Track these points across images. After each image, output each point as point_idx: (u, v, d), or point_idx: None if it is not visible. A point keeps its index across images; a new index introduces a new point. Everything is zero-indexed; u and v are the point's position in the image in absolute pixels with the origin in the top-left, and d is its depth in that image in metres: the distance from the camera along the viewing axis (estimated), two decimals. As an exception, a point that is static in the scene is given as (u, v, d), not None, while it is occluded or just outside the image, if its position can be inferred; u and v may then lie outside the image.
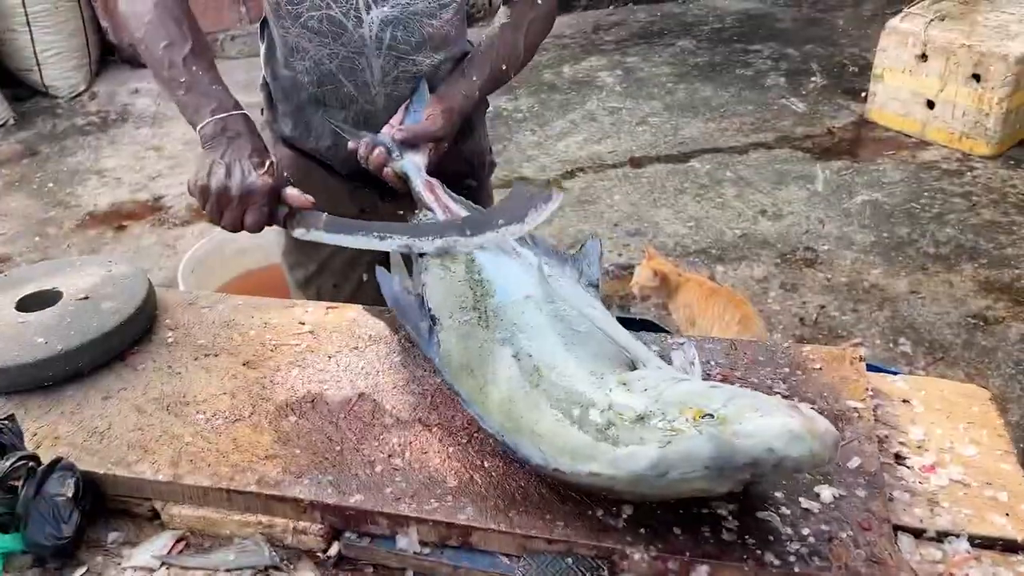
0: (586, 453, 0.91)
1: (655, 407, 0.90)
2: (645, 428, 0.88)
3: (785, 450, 0.81)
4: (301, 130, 1.48)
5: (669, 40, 4.99)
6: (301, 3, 1.34)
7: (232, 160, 1.21)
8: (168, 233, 3.49)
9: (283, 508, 1.02)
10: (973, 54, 3.49)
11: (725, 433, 0.83)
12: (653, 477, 0.86)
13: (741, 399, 0.88)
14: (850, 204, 3.40)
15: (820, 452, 0.81)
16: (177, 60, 1.25)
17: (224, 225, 1.23)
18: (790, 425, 0.82)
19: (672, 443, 0.85)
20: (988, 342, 2.66)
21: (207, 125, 1.23)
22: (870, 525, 0.93)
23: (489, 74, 1.42)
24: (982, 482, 1.02)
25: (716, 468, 0.83)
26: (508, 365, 1.04)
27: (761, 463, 0.82)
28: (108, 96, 4.73)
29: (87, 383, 1.23)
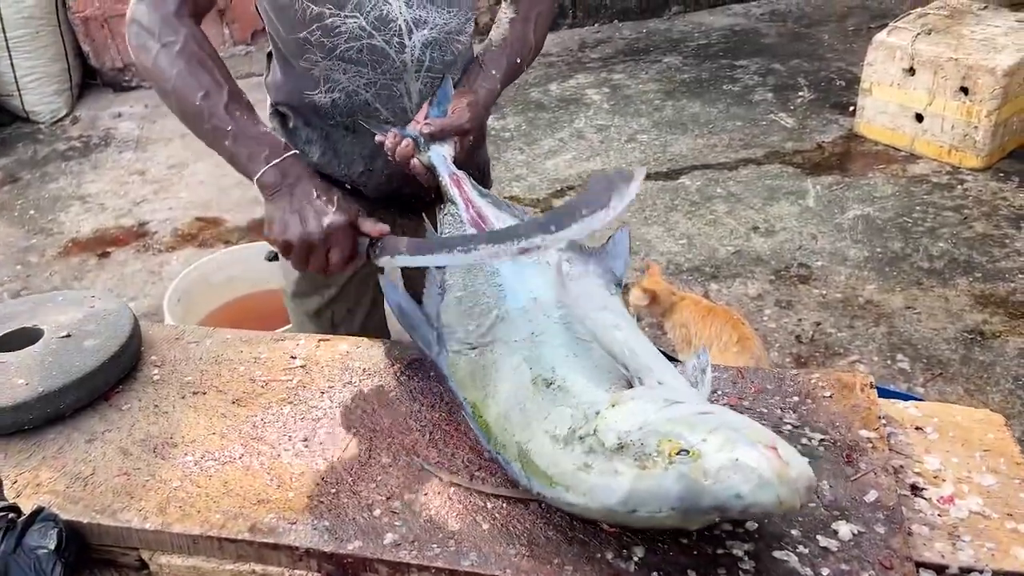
0: (564, 481, 0.90)
1: (637, 435, 0.87)
2: (621, 460, 0.86)
3: (752, 496, 0.79)
4: (330, 157, 1.44)
5: (655, 57, 4.99)
6: (338, 36, 1.30)
7: (303, 206, 1.18)
8: (153, 259, 3.43)
9: (277, 556, 0.97)
10: (961, 67, 3.50)
11: (695, 472, 0.81)
12: (623, 512, 0.85)
13: (722, 432, 0.84)
14: (842, 219, 3.38)
15: (788, 499, 0.79)
16: (218, 109, 1.21)
17: (313, 270, 1.21)
18: (761, 470, 0.79)
19: (642, 479, 0.84)
20: (986, 357, 2.64)
21: (266, 173, 1.21)
22: (892, 564, 0.89)
23: (506, 68, 1.41)
24: (1003, 513, 0.99)
25: (682, 509, 0.82)
26: (507, 379, 1.03)
27: (728, 508, 0.80)
28: (90, 120, 4.68)
29: (70, 425, 1.18)
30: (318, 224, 1.17)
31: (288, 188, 1.20)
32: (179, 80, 1.22)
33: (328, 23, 1.28)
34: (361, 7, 1.28)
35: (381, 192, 1.48)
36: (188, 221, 3.66)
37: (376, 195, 1.48)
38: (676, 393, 0.95)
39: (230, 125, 1.22)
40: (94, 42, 4.81)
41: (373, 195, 1.47)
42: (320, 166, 1.44)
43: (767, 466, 0.79)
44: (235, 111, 1.22)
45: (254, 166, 1.21)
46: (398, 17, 1.30)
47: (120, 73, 4.93)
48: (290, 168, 1.21)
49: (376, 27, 1.29)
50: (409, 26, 1.31)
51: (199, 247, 3.47)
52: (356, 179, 1.46)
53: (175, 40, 1.23)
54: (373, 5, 1.28)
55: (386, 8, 1.29)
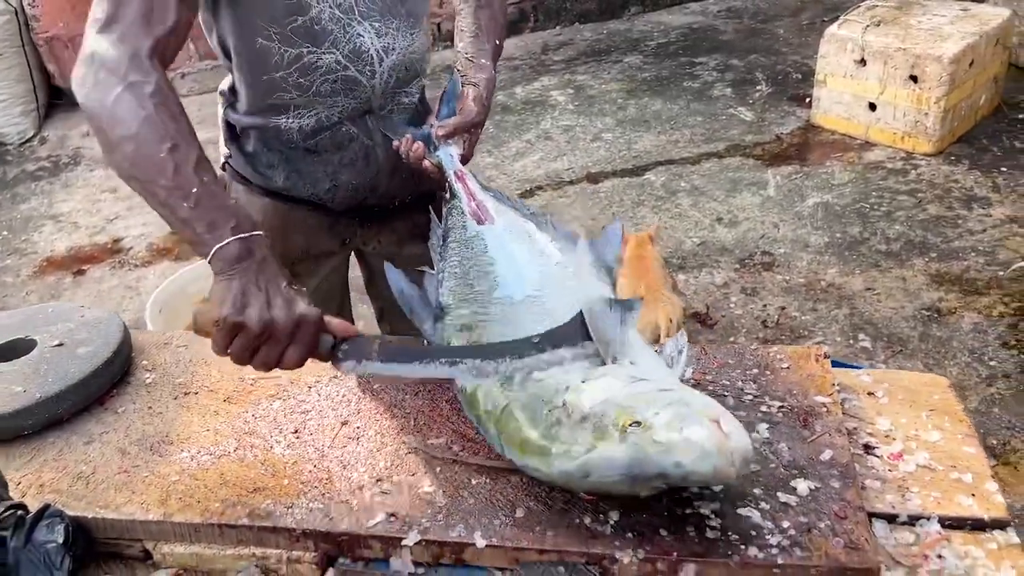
0: (532, 448, 0.99)
1: (600, 408, 0.95)
2: (582, 430, 0.95)
3: (690, 465, 0.87)
4: (295, 180, 1.46)
5: (617, 57, 5.08)
6: (314, 73, 1.32)
7: (270, 289, 1.04)
8: (129, 275, 3.45)
9: (275, 539, 1.03)
10: (909, 56, 3.62)
11: (643, 442, 0.89)
12: (579, 477, 0.94)
13: (675, 407, 0.92)
14: (802, 207, 3.49)
15: (724, 469, 0.87)
16: (185, 167, 1.07)
17: (255, 364, 1.04)
18: (702, 442, 0.87)
19: (597, 448, 0.92)
20: (943, 333, 2.75)
21: (228, 246, 1.05)
22: (846, 514, 0.97)
23: (492, 53, 1.44)
24: (948, 466, 1.07)
25: (630, 476, 0.91)
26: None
27: (670, 475, 0.89)
28: (59, 140, 4.68)
29: (68, 429, 1.23)
30: (287, 313, 1.03)
31: (254, 266, 1.05)
32: (144, 126, 1.08)
33: (306, 62, 1.31)
34: (336, 43, 1.31)
35: (347, 204, 1.50)
36: (162, 236, 3.69)
37: (342, 208, 1.51)
38: (644, 372, 1.02)
39: (195, 187, 1.07)
40: (59, 62, 4.81)
41: (339, 208, 1.51)
42: (286, 188, 1.47)
43: (707, 437, 0.87)
44: (203, 174, 1.08)
45: (215, 235, 1.06)
46: (370, 47, 1.34)
47: (85, 92, 4.93)
48: (256, 246, 1.07)
49: (351, 59, 1.33)
50: (380, 55, 1.35)
51: (175, 260, 3.50)
52: (322, 196, 1.48)
53: (145, 82, 1.10)
54: (347, 39, 1.31)
55: (359, 41, 1.32)
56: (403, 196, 1.53)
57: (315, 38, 1.30)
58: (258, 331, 1.02)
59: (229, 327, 1.02)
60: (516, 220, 1.28)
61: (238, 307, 1.02)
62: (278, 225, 1.48)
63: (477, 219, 1.28)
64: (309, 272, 1.57)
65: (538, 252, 1.22)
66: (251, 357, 1.04)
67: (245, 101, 1.40)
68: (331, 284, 1.63)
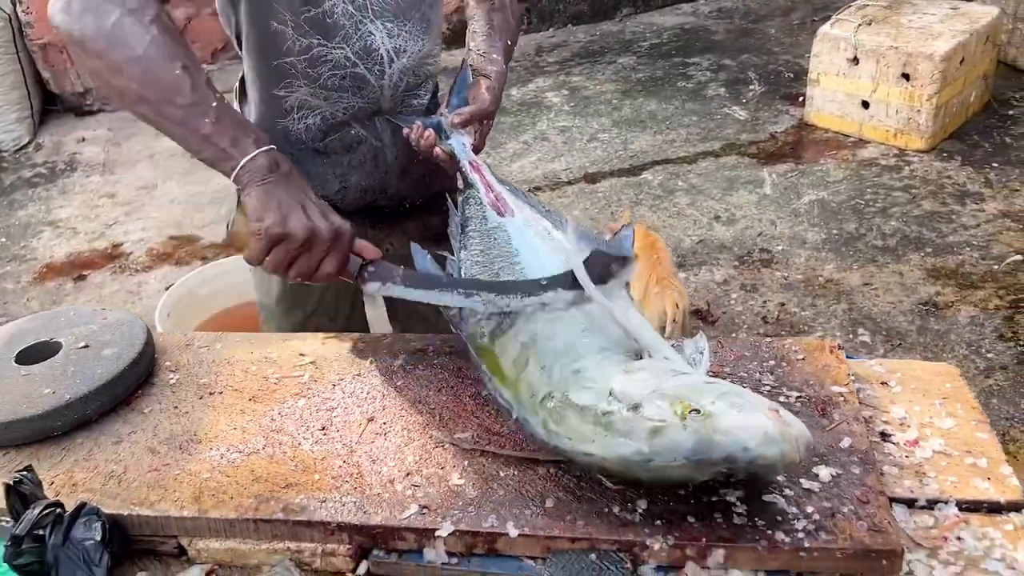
0: (584, 435, 0.99)
1: (651, 398, 0.97)
2: (638, 417, 0.96)
3: (758, 450, 0.89)
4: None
5: (610, 58, 5.12)
6: (323, 65, 1.33)
7: (304, 200, 1.07)
8: (130, 280, 3.46)
9: (310, 532, 1.05)
10: (901, 55, 3.67)
11: (706, 429, 0.91)
12: (639, 463, 0.94)
13: (729, 397, 0.95)
14: (798, 204, 3.53)
15: (790, 454, 0.89)
16: (201, 84, 1.08)
17: (293, 274, 1.07)
18: (766, 427, 0.89)
19: (659, 434, 0.93)
20: (940, 326, 2.79)
21: (256, 158, 1.08)
22: (868, 498, 1.00)
23: (504, 51, 1.45)
24: (962, 451, 1.10)
25: (695, 460, 0.91)
26: (526, 347, 1.12)
27: (736, 459, 0.90)
28: (54, 146, 4.67)
29: (96, 429, 1.24)
30: (327, 222, 1.08)
31: (283, 178, 1.08)
32: (152, 47, 1.06)
33: (315, 53, 1.32)
34: (348, 38, 1.33)
35: (356, 206, 1.51)
36: (162, 240, 3.70)
37: (352, 209, 1.52)
38: (682, 367, 1.05)
39: (214, 103, 1.08)
40: (53, 68, 4.81)
41: (349, 209, 1.51)
42: None
43: (772, 424, 0.90)
44: (215, 92, 1.09)
45: (240, 149, 1.08)
46: (380, 47, 1.36)
47: (81, 98, 4.93)
48: (281, 159, 1.10)
49: (360, 57, 1.35)
50: (391, 55, 1.37)
51: (176, 265, 3.51)
52: (332, 197, 1.49)
53: (144, 9, 1.08)
54: (359, 36, 1.33)
55: (370, 39, 1.34)
56: (414, 198, 1.55)
57: (327, 31, 1.31)
58: (301, 239, 1.04)
59: (274, 236, 1.04)
60: (533, 214, 1.30)
61: (280, 216, 1.04)
62: None
63: (497, 210, 1.29)
64: None
65: (559, 247, 1.25)
66: (288, 267, 1.06)
67: (255, 95, 1.41)
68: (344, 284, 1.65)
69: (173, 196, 4.03)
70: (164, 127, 1.11)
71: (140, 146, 4.59)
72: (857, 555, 0.94)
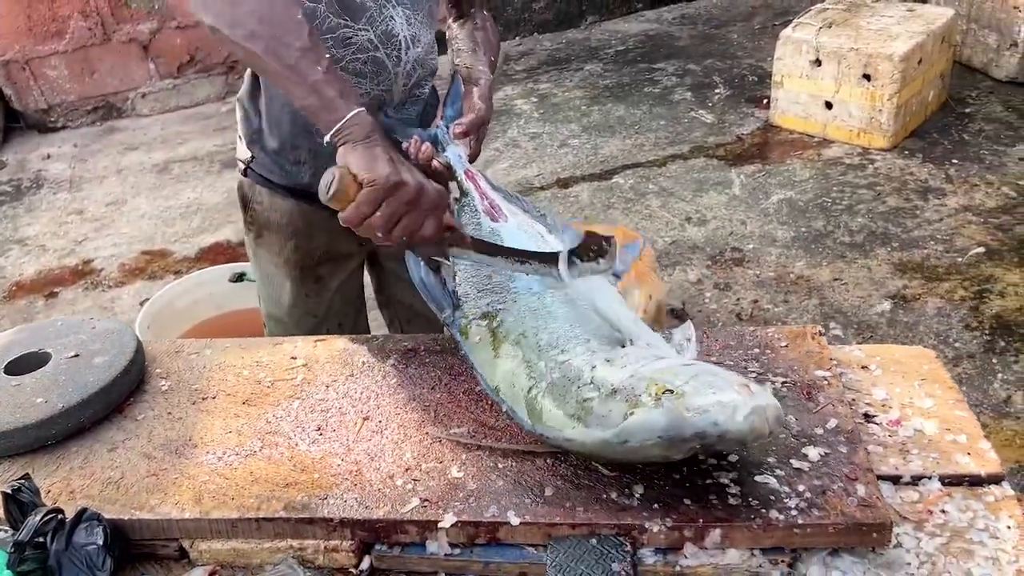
0: (564, 421, 1.03)
1: (629, 382, 1.01)
2: (614, 401, 1.00)
3: (727, 424, 0.92)
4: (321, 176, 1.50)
5: (577, 65, 5.17)
6: (347, 47, 1.36)
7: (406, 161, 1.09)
8: (103, 295, 3.43)
9: (313, 529, 1.06)
10: (862, 56, 3.76)
11: (679, 407, 0.95)
12: (616, 443, 0.98)
13: (703, 377, 0.98)
14: (767, 204, 3.60)
15: (759, 426, 0.92)
16: (315, 34, 1.11)
17: (398, 232, 1.08)
18: (736, 402, 0.93)
19: (634, 415, 0.97)
20: (909, 318, 2.86)
21: (361, 114, 1.10)
22: (856, 476, 1.03)
23: (488, 64, 1.47)
24: (942, 429, 1.14)
25: (667, 438, 0.95)
26: (514, 342, 1.15)
27: (707, 435, 0.94)
28: (18, 164, 4.61)
29: (90, 437, 1.24)
30: (430, 183, 1.09)
31: (383, 138, 1.09)
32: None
33: (341, 34, 1.35)
34: (372, 21, 1.36)
35: None
36: (134, 256, 3.67)
37: None
38: (663, 352, 1.08)
39: (327, 54, 1.11)
40: (16, 85, 4.75)
41: None
42: (311, 185, 1.50)
43: (740, 399, 0.93)
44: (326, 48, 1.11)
45: (347, 103, 1.10)
46: (400, 32, 1.39)
47: (45, 114, 4.88)
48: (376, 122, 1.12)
49: (382, 41, 1.38)
50: (407, 43, 1.41)
51: (149, 280, 3.48)
52: None
53: None
54: (382, 19, 1.37)
55: (392, 24, 1.38)
56: None
57: (354, 13, 1.34)
58: (414, 193, 1.06)
59: (389, 187, 1.05)
60: (526, 219, 1.34)
61: (393, 169, 1.04)
62: (303, 227, 1.52)
63: (491, 216, 1.32)
64: (331, 274, 1.61)
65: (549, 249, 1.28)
66: (396, 223, 1.06)
67: (264, 87, 1.43)
68: (350, 288, 1.67)
69: (143, 211, 4.00)
70: (270, 67, 1.11)
71: (107, 161, 4.55)
72: (848, 529, 0.97)
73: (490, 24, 1.56)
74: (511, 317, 1.19)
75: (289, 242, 1.57)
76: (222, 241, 3.70)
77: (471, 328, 1.22)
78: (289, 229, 1.56)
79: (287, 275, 1.61)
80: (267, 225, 1.58)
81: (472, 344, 1.22)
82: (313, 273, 1.61)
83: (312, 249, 1.56)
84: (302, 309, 1.64)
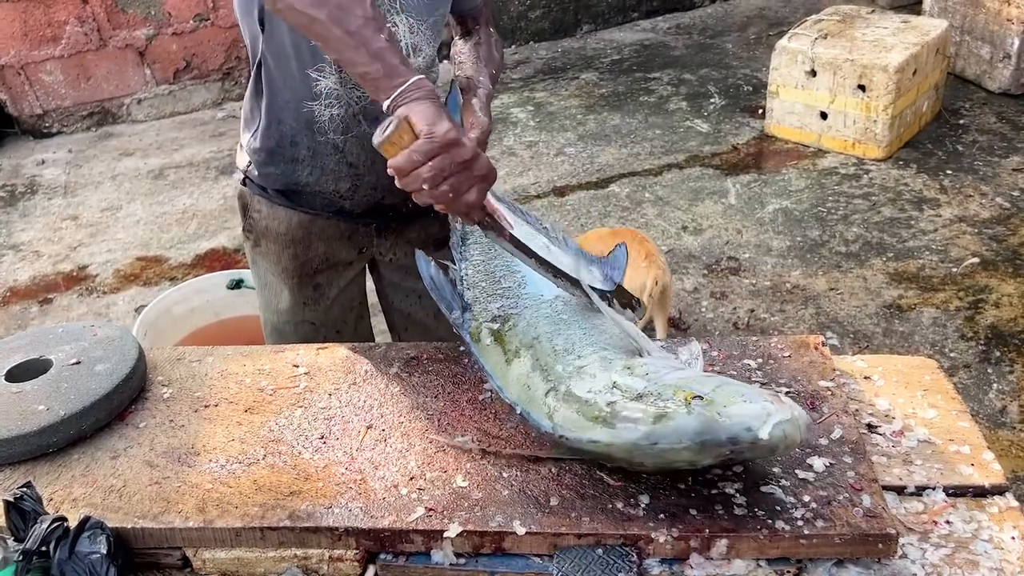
0: (588, 424, 1.03)
1: (653, 388, 1.01)
2: (643, 404, 1.00)
3: (761, 431, 0.93)
4: (318, 175, 1.49)
5: (573, 74, 5.19)
6: None
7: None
8: (98, 302, 3.41)
9: (317, 539, 1.06)
10: (857, 67, 3.78)
11: (711, 412, 0.95)
12: (646, 446, 0.98)
13: (729, 386, 1.00)
14: (763, 213, 3.61)
15: (792, 434, 0.93)
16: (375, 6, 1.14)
17: (441, 189, 1.08)
18: (768, 409, 0.94)
19: (664, 418, 0.97)
20: (905, 328, 2.88)
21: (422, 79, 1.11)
22: (861, 486, 1.03)
23: (489, 77, 1.48)
24: (946, 439, 1.15)
25: (700, 442, 0.95)
26: (529, 347, 1.16)
27: (740, 440, 0.94)
28: (12, 169, 4.59)
29: (91, 445, 1.23)
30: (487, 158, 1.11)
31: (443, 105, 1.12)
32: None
33: None
34: None
35: (366, 204, 1.54)
36: (129, 262, 3.65)
37: (361, 209, 1.55)
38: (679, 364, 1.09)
39: (386, 25, 1.14)
40: (11, 90, 4.73)
41: (358, 209, 1.55)
42: (308, 184, 1.51)
43: (773, 407, 0.94)
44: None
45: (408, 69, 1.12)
46: (403, 39, 1.39)
47: (40, 120, 4.86)
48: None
49: None
50: (408, 50, 1.40)
51: (144, 286, 3.47)
52: (343, 193, 1.52)
53: None
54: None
55: (395, 30, 1.37)
56: None
57: None
58: (469, 156, 1.07)
59: (448, 141, 1.05)
60: (530, 230, 1.34)
61: (453, 126, 1.06)
62: (301, 236, 1.52)
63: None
64: (330, 282, 1.61)
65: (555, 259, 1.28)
66: (443, 180, 1.07)
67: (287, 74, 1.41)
68: (351, 295, 1.67)
69: (138, 217, 3.99)
70: (332, 35, 1.12)
71: (102, 167, 4.53)
72: (854, 540, 0.97)
73: (495, 40, 1.57)
74: (523, 321, 1.19)
75: (287, 250, 1.57)
76: (218, 247, 3.69)
77: (482, 331, 1.22)
78: (287, 238, 1.56)
79: (285, 283, 1.61)
80: (265, 233, 1.58)
81: (483, 347, 1.22)
82: (311, 281, 1.61)
83: (310, 258, 1.56)
84: (300, 317, 1.64)
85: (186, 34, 4.80)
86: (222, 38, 4.90)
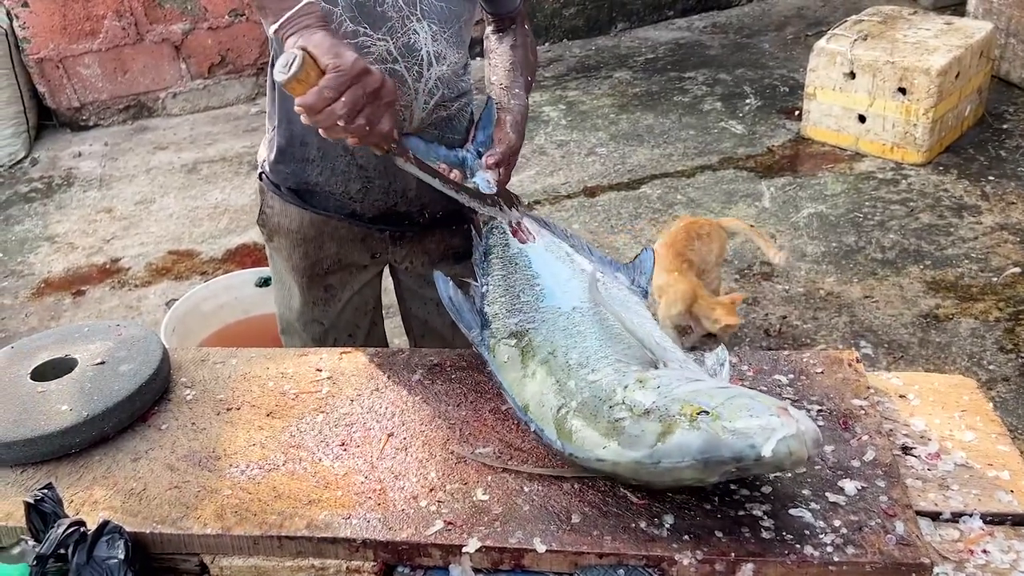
0: (596, 441, 1.02)
1: (662, 403, 0.99)
2: (648, 421, 0.98)
3: (766, 448, 0.90)
4: (328, 175, 1.47)
5: (606, 72, 5.14)
6: (366, 56, 1.32)
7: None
8: (130, 295, 3.44)
9: (335, 549, 1.05)
10: (897, 69, 3.70)
11: (715, 428, 0.93)
12: (649, 464, 0.96)
13: (739, 399, 0.96)
14: (797, 218, 3.54)
15: (798, 450, 0.90)
16: None
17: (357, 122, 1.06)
18: (773, 425, 0.91)
19: (668, 435, 0.95)
20: (942, 339, 2.81)
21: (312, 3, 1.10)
22: (894, 512, 1.00)
23: (524, 85, 1.47)
24: (984, 464, 1.11)
25: (703, 459, 0.93)
26: (544, 361, 1.14)
27: (744, 457, 0.92)
28: (50, 161, 4.66)
29: (113, 446, 1.23)
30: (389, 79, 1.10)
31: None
32: None
33: (359, 42, 1.32)
34: (393, 32, 1.33)
35: (377, 209, 1.51)
36: (161, 255, 3.68)
37: (373, 213, 1.52)
38: (696, 374, 1.06)
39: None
40: (50, 83, 4.80)
41: (369, 213, 1.52)
42: (319, 184, 1.48)
43: (778, 422, 0.91)
44: None
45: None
46: (422, 47, 1.36)
47: (77, 112, 4.92)
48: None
49: (402, 53, 1.35)
50: (430, 59, 1.38)
51: (175, 280, 3.49)
52: (354, 195, 1.49)
53: None
54: (404, 32, 1.34)
55: (414, 38, 1.35)
56: (434, 209, 1.54)
57: (374, 21, 1.32)
58: (379, 83, 1.05)
59: (356, 73, 1.03)
60: (554, 240, 1.32)
61: (359, 57, 1.02)
62: (313, 235, 1.51)
63: (519, 239, 1.31)
64: (343, 283, 1.60)
65: (579, 270, 1.26)
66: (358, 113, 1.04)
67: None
68: (364, 298, 1.65)
69: (171, 211, 4.02)
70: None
71: (137, 161, 4.58)
72: (886, 569, 0.94)
73: (530, 40, 1.54)
74: (540, 336, 1.17)
75: (298, 248, 1.56)
76: (248, 243, 3.71)
77: (500, 347, 1.20)
78: (299, 236, 1.54)
79: (295, 281, 1.60)
80: (277, 230, 1.57)
81: (501, 363, 1.20)
82: (322, 282, 1.59)
83: (322, 258, 1.55)
84: (309, 316, 1.63)
85: (221, 29, 4.83)
86: (257, 33, 4.92)
